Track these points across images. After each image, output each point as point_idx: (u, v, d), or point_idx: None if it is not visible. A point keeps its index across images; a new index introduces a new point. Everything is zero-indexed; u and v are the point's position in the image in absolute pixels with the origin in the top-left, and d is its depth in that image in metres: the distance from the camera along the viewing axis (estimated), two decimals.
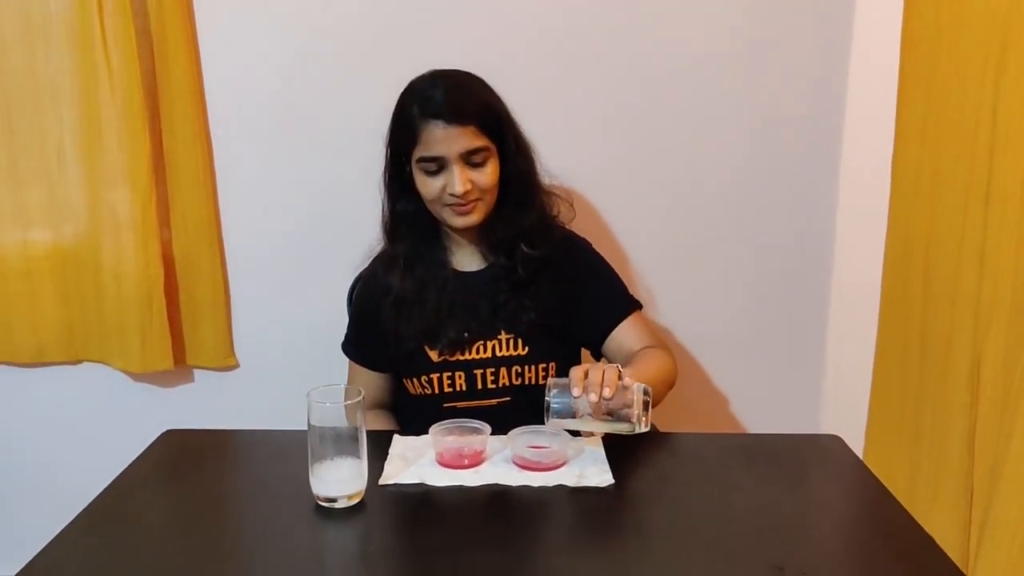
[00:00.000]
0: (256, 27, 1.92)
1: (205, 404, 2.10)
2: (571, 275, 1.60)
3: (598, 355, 1.64)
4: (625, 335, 1.59)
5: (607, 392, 1.26)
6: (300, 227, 2.02)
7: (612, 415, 1.30)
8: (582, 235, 1.68)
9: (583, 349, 1.67)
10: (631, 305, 1.63)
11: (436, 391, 1.54)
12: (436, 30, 1.92)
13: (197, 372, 2.10)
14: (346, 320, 1.73)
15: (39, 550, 1.11)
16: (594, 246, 1.67)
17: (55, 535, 1.14)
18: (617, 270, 1.67)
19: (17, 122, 1.92)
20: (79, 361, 2.07)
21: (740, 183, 2.04)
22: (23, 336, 2.01)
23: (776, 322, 2.12)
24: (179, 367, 2.04)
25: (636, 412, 1.29)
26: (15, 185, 1.95)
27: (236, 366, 2.09)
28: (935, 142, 1.69)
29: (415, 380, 1.56)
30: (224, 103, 1.95)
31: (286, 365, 2.06)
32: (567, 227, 1.65)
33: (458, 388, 1.54)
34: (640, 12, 1.93)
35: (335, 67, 1.94)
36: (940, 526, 1.66)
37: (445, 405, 1.53)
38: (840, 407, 2.12)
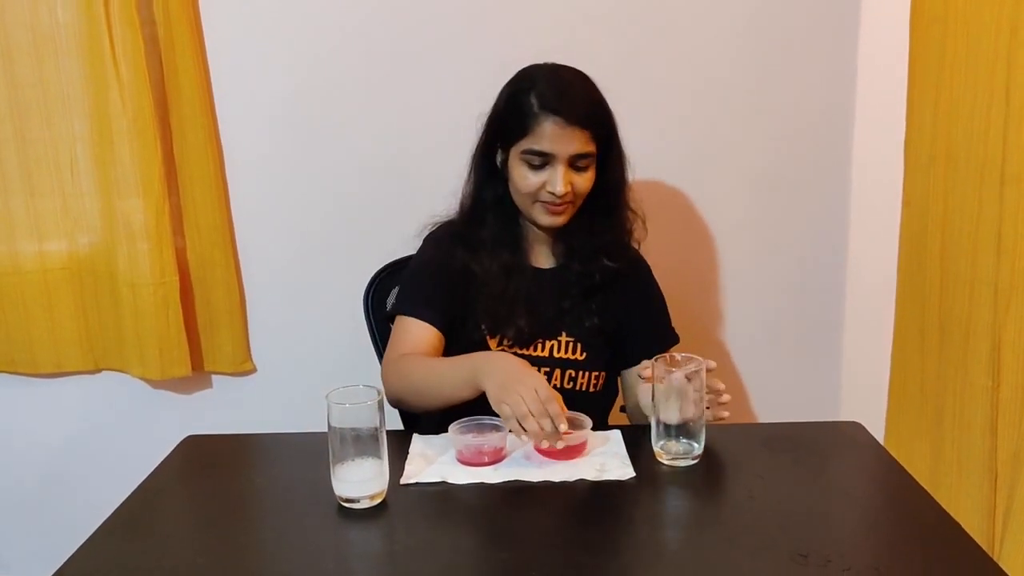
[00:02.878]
0: (263, 33, 1.92)
1: (224, 409, 2.11)
2: (632, 295, 1.60)
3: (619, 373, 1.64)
4: None
5: None
6: (313, 230, 2.03)
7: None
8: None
9: None
10: (670, 341, 1.62)
11: None
12: (445, 36, 1.92)
13: (215, 378, 2.11)
14: (361, 323, 1.73)
15: (66, 558, 1.11)
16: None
17: (81, 543, 1.14)
18: None
19: (30, 133, 1.93)
20: (98, 370, 2.08)
21: (753, 172, 2.03)
22: (42, 347, 2.02)
23: (793, 310, 2.11)
24: (197, 373, 2.05)
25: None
26: (29, 196, 1.96)
27: (253, 371, 2.10)
28: (948, 124, 1.67)
29: None
30: (233, 109, 1.96)
31: (303, 368, 2.07)
32: (638, 248, 1.65)
33: None
34: (644, 11, 1.93)
35: (344, 71, 1.94)
36: (964, 511, 1.65)
37: None
38: (860, 394, 2.11)
